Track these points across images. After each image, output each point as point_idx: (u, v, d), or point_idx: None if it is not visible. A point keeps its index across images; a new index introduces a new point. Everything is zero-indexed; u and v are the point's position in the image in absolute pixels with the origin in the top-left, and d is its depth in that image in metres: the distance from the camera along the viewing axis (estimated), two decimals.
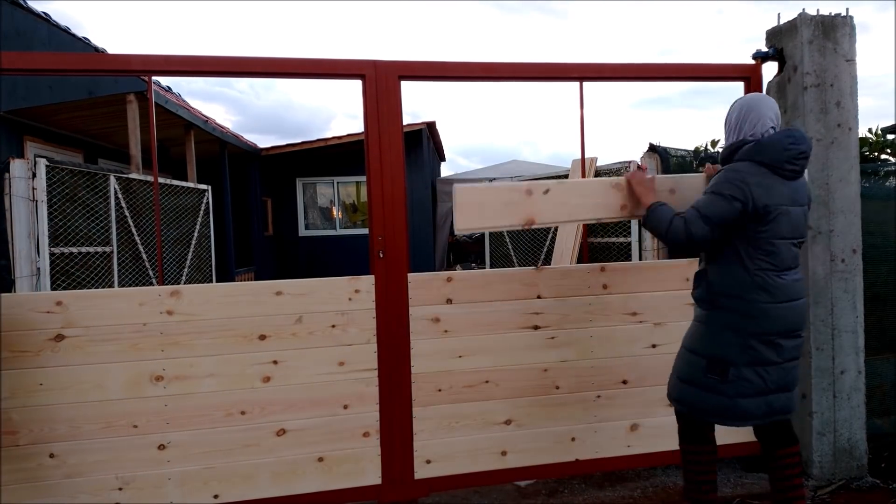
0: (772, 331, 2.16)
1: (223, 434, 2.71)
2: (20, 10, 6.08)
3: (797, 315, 2.20)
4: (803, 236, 2.26)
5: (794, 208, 2.18)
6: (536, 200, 2.54)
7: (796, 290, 2.21)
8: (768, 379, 2.17)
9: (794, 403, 2.27)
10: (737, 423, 2.22)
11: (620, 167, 4.41)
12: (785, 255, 2.18)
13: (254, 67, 2.77)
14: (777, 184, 2.15)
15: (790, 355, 2.20)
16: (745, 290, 2.17)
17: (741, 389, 2.17)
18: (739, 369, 2.17)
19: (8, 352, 2.51)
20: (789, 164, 2.16)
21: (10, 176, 3.91)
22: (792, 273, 2.21)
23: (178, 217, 6.29)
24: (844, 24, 3.08)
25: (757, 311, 2.16)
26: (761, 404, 2.18)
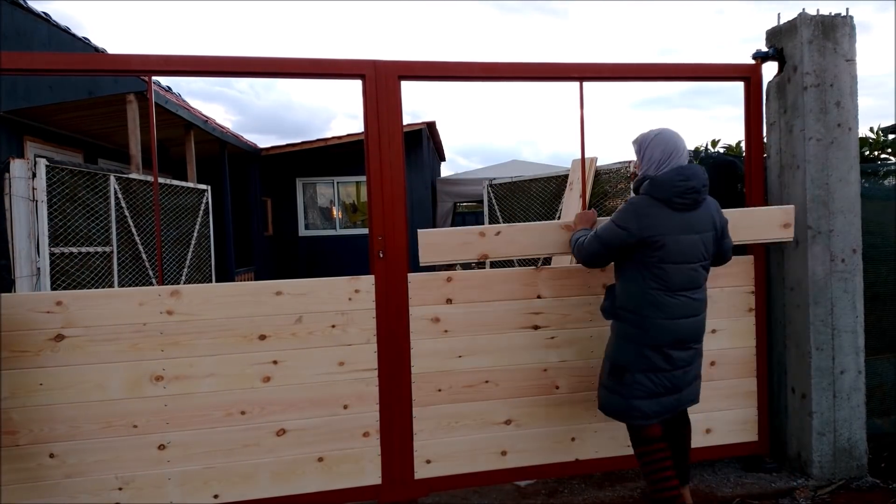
0: (663, 342, 2.44)
1: (223, 434, 2.72)
2: (20, 10, 6.08)
3: (689, 330, 2.47)
4: (702, 260, 2.49)
5: (687, 236, 2.43)
6: (490, 240, 2.88)
7: (691, 308, 2.47)
8: (658, 383, 2.46)
9: (685, 401, 2.56)
10: (635, 422, 2.50)
11: (620, 167, 4.42)
12: (676, 278, 2.43)
13: (254, 67, 2.77)
14: (668, 215, 2.41)
15: (681, 364, 2.48)
16: (640, 307, 2.46)
17: (634, 392, 2.46)
18: (634, 374, 2.46)
19: (8, 352, 2.51)
20: (678, 199, 2.41)
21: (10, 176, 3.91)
22: (686, 293, 2.46)
23: (178, 217, 6.29)
24: (844, 24, 3.08)
25: (649, 324, 2.44)
26: (653, 405, 2.47)
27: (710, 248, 2.51)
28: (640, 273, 2.45)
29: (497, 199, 6.47)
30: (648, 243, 2.40)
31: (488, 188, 6.61)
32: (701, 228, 2.46)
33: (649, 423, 2.48)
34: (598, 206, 4.68)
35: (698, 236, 2.45)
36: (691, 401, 2.59)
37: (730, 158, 3.73)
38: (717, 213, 2.56)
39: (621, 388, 2.49)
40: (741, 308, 3.22)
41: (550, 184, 5.63)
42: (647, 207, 2.42)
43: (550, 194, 5.59)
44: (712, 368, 3.19)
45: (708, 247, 2.50)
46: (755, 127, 3.26)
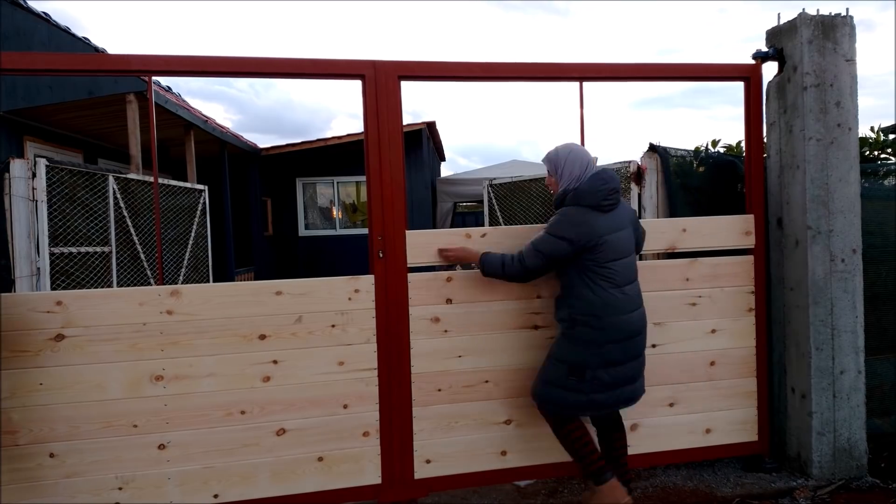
0: (619, 337, 2.59)
1: (223, 434, 2.71)
2: (20, 10, 6.08)
3: (639, 320, 2.65)
4: (631, 252, 2.68)
5: (617, 233, 2.61)
6: (476, 242, 2.93)
7: (635, 301, 2.65)
8: (616, 376, 2.61)
9: (638, 392, 2.69)
10: (592, 413, 2.69)
11: (621, 167, 4.41)
12: (621, 274, 2.61)
13: (253, 68, 2.77)
14: (598, 219, 2.57)
15: (632, 354, 2.64)
16: (598, 309, 2.58)
17: (595, 387, 2.60)
18: (595, 371, 2.59)
19: (8, 352, 2.51)
20: (605, 201, 2.59)
21: (10, 176, 3.90)
22: (631, 286, 2.65)
23: (176, 217, 6.28)
24: (844, 24, 3.08)
25: (608, 324, 2.58)
26: (611, 396, 2.63)
27: (633, 241, 2.71)
28: (590, 278, 2.59)
29: (497, 199, 6.47)
30: (590, 248, 2.56)
31: (488, 188, 6.61)
32: (626, 224, 2.67)
33: (603, 412, 2.68)
34: None
35: (626, 231, 2.66)
36: (640, 394, 2.73)
37: (730, 158, 3.73)
38: (629, 209, 2.77)
39: (582, 385, 2.60)
40: (741, 308, 3.22)
41: None
42: (580, 216, 2.58)
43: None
44: (712, 368, 3.19)
45: (632, 240, 2.70)
46: (755, 127, 3.26)
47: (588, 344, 2.60)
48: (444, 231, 3.00)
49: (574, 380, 2.62)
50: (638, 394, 2.70)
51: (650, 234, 3.11)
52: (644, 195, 3.81)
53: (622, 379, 2.62)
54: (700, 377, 3.17)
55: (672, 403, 3.14)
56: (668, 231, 3.14)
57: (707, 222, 3.20)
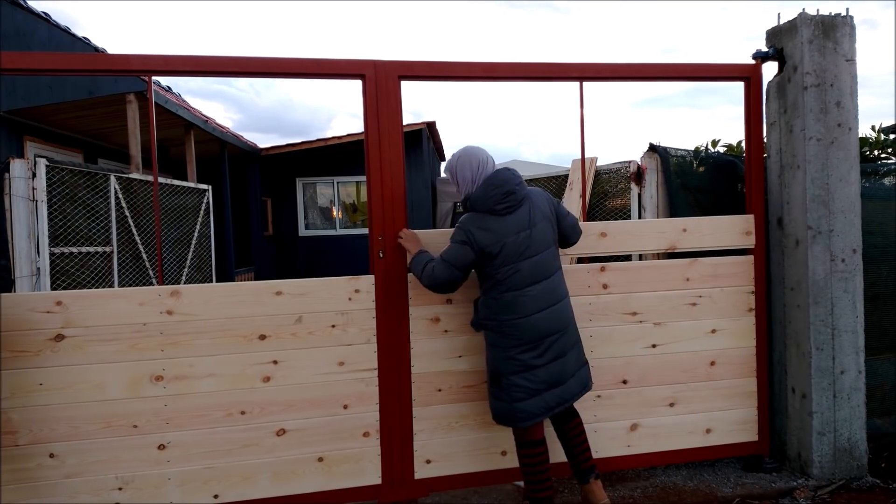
0: (527, 339, 2.50)
1: (223, 434, 2.71)
2: (20, 10, 6.08)
3: (551, 320, 2.52)
4: (546, 248, 2.56)
5: (517, 235, 2.51)
6: None
7: (546, 298, 2.53)
8: (536, 381, 2.51)
9: (570, 394, 2.57)
10: (523, 424, 2.54)
11: (621, 167, 4.41)
12: (525, 273, 2.51)
13: (254, 67, 2.77)
14: (496, 223, 2.51)
15: (553, 355, 2.52)
16: (497, 313, 2.54)
17: (515, 395, 2.51)
18: (509, 378, 2.52)
19: (8, 352, 2.51)
20: (499, 205, 2.51)
21: (10, 176, 3.90)
22: (538, 285, 2.53)
23: (179, 217, 6.28)
24: (844, 23, 3.08)
25: (509, 327, 2.51)
26: (537, 404, 2.51)
27: (549, 236, 2.60)
28: (490, 282, 2.56)
29: None
30: (487, 254, 2.51)
31: None
32: (535, 221, 2.56)
33: (534, 421, 2.53)
34: (598, 206, 4.68)
35: (536, 229, 2.55)
36: (580, 390, 2.62)
37: (730, 158, 3.73)
38: (545, 202, 2.63)
39: (501, 394, 2.55)
40: (741, 308, 3.22)
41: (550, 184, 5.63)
42: (478, 221, 2.53)
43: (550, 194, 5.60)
44: (712, 368, 3.19)
45: (547, 235, 2.58)
46: (755, 127, 3.26)
47: (496, 348, 2.56)
48: (444, 231, 3.00)
49: (494, 388, 2.59)
50: (569, 395, 2.57)
51: (650, 234, 3.11)
52: (644, 195, 3.82)
53: (544, 383, 2.51)
54: (700, 377, 3.17)
55: (672, 403, 3.14)
56: (668, 231, 3.14)
57: (707, 222, 3.20)
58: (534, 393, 2.51)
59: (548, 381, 2.52)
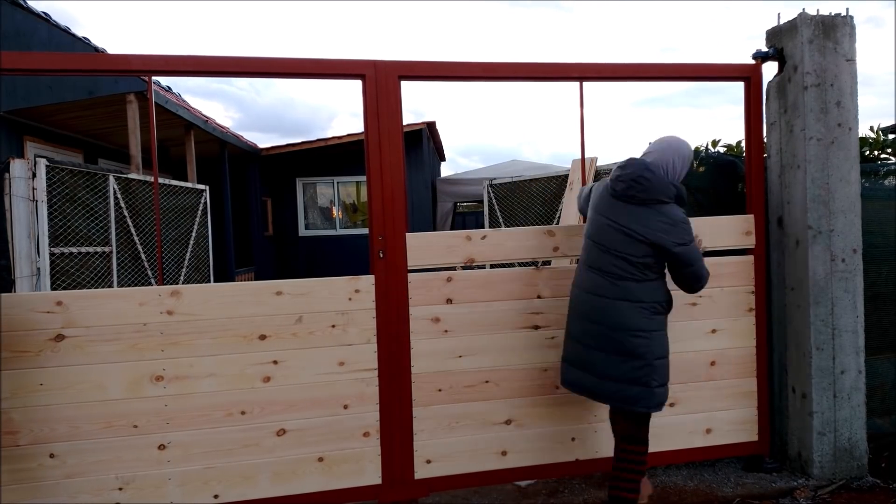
0: (571, 305, 2.67)
1: (223, 434, 2.71)
2: (20, 10, 6.08)
3: (587, 304, 2.58)
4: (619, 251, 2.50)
5: (605, 221, 2.55)
6: (476, 244, 2.96)
7: (594, 284, 2.56)
8: (569, 348, 2.66)
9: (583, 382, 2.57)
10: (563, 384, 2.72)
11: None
12: (591, 254, 2.61)
13: (253, 67, 2.77)
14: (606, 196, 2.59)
15: (577, 335, 2.62)
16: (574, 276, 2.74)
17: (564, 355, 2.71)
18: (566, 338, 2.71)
19: (8, 352, 2.51)
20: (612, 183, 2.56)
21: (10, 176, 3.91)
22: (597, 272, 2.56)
23: (177, 217, 6.28)
24: (844, 23, 3.08)
25: (572, 293, 2.71)
26: (563, 368, 2.70)
27: (628, 248, 2.48)
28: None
29: (497, 199, 6.47)
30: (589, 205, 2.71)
31: (488, 188, 6.61)
32: (624, 223, 2.49)
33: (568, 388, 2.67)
34: None
35: (614, 228, 2.52)
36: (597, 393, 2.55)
37: (730, 158, 3.72)
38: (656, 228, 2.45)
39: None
40: (741, 308, 3.22)
41: (550, 184, 5.64)
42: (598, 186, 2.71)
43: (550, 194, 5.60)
44: (712, 368, 3.19)
45: (626, 245, 2.48)
46: (755, 127, 3.26)
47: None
48: (444, 234, 3.01)
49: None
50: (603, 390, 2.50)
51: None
52: None
53: (580, 360, 2.58)
54: (700, 377, 3.17)
55: (672, 403, 3.14)
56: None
57: (707, 222, 3.20)
58: (565, 358, 2.68)
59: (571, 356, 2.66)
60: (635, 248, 2.47)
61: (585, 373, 2.57)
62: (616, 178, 2.52)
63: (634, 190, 2.46)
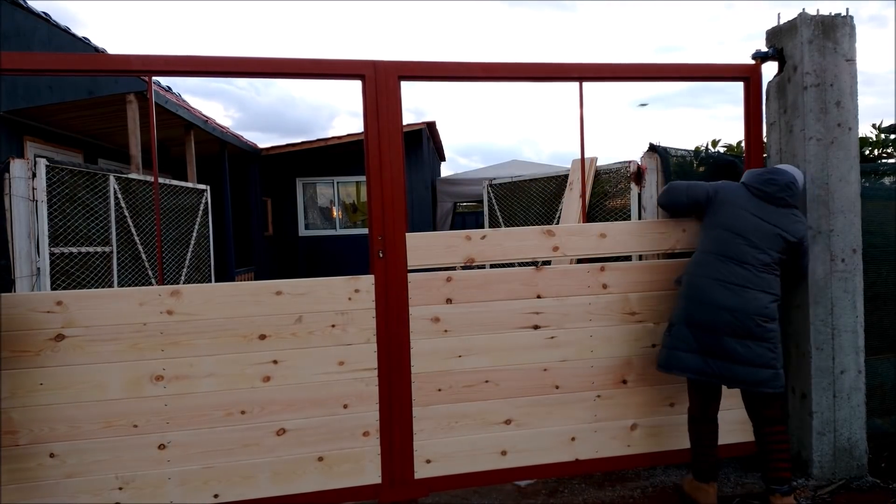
0: (699, 298, 2.73)
1: (223, 434, 2.72)
2: (20, 10, 6.08)
3: (739, 298, 2.67)
4: (762, 245, 2.73)
5: (751, 215, 2.77)
6: (475, 244, 2.96)
7: (734, 274, 2.71)
8: (702, 340, 2.70)
9: (735, 373, 2.67)
10: (679, 372, 2.78)
11: (620, 167, 4.41)
12: (730, 246, 2.75)
13: (253, 68, 2.77)
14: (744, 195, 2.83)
15: (713, 325, 2.68)
16: (694, 267, 2.84)
17: (678, 343, 2.76)
18: (679, 326, 2.78)
19: (8, 352, 2.51)
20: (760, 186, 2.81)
21: (10, 176, 3.91)
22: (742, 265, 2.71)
23: (177, 217, 6.28)
24: (844, 23, 3.08)
25: (691, 281, 2.80)
26: (699, 361, 2.72)
27: (774, 244, 2.74)
28: (704, 241, 2.86)
29: (497, 199, 6.47)
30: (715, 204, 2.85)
31: (488, 188, 6.60)
32: (775, 223, 2.76)
33: (685, 375, 2.77)
34: (598, 206, 4.68)
35: (765, 224, 2.75)
36: (739, 377, 2.68)
37: (730, 158, 3.73)
38: (801, 228, 2.80)
39: (667, 340, 2.82)
40: None
41: (550, 184, 5.63)
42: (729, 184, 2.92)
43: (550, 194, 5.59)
44: None
45: (773, 242, 2.74)
46: (755, 127, 3.26)
47: (679, 298, 2.83)
48: (444, 233, 3.01)
49: (665, 335, 2.87)
50: (739, 377, 2.67)
51: (650, 235, 3.11)
52: (644, 195, 3.82)
53: (709, 347, 2.68)
54: None
55: (672, 403, 3.14)
56: (668, 231, 3.14)
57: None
58: (698, 351, 2.72)
59: (712, 348, 2.69)
60: (779, 246, 2.75)
61: (715, 359, 2.70)
62: (768, 182, 2.80)
63: (785, 194, 2.78)
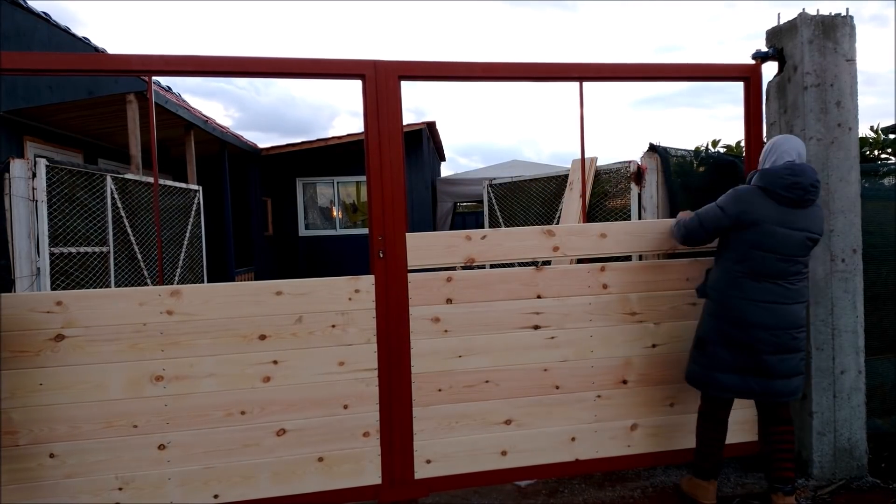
0: (738, 320, 2.64)
1: (223, 434, 2.71)
2: (20, 10, 6.08)
3: (765, 314, 2.61)
4: (798, 256, 2.63)
5: (781, 230, 2.59)
6: (476, 244, 2.96)
7: (770, 293, 2.62)
8: (740, 360, 2.65)
9: (777, 390, 2.65)
10: (716, 392, 2.75)
11: (621, 167, 4.41)
12: (763, 266, 2.62)
13: (253, 67, 2.77)
14: (768, 205, 2.60)
15: (755, 344, 2.62)
16: (720, 284, 2.73)
17: (715, 364, 2.71)
18: (715, 347, 2.71)
19: (8, 352, 2.51)
20: (784, 192, 2.58)
21: (10, 176, 3.91)
22: (773, 282, 2.62)
23: (171, 217, 6.29)
24: (844, 23, 3.08)
25: (728, 302, 2.67)
26: (736, 381, 2.69)
27: (804, 250, 2.65)
28: (729, 255, 2.70)
29: (497, 199, 6.47)
30: (742, 226, 2.64)
31: (488, 188, 6.60)
32: (803, 227, 2.62)
33: (724, 395, 2.74)
34: (598, 206, 4.67)
35: (796, 233, 2.61)
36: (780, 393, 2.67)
37: (730, 159, 3.73)
38: (821, 221, 2.69)
39: (702, 359, 2.76)
40: None
41: (550, 184, 5.63)
42: (747, 194, 2.65)
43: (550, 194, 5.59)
44: None
45: (801, 245, 2.63)
46: (755, 127, 3.26)
47: (712, 317, 2.73)
48: (444, 233, 3.01)
49: (696, 352, 2.80)
50: (778, 391, 2.64)
51: (650, 235, 3.11)
52: (644, 195, 3.81)
53: (747, 366, 2.64)
54: None
55: (672, 403, 3.14)
56: (668, 231, 3.14)
57: None
58: (735, 370, 2.66)
59: (751, 367, 2.64)
60: (807, 250, 2.66)
61: (753, 376, 2.66)
62: (791, 187, 2.57)
63: (812, 194, 2.60)
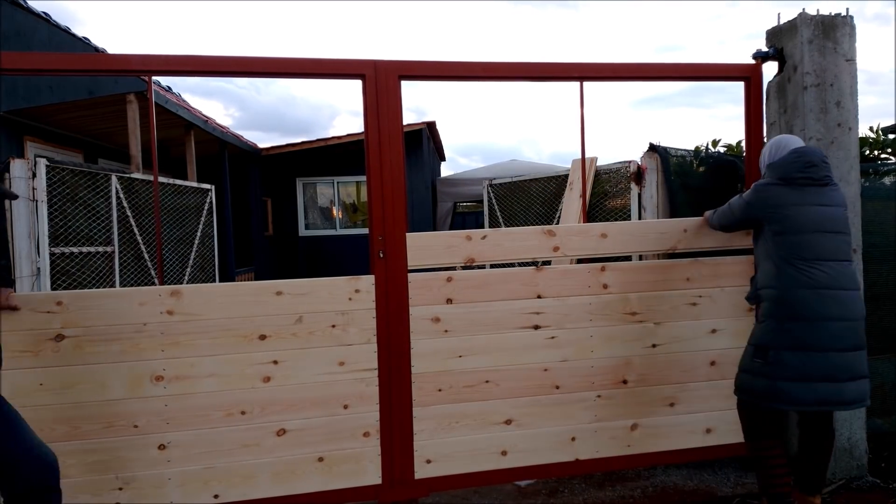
0: (805, 315, 2.36)
1: (223, 434, 2.71)
2: (20, 10, 6.09)
3: (834, 303, 2.36)
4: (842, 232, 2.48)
5: (812, 207, 2.45)
6: (476, 244, 2.95)
7: (835, 275, 2.39)
8: (808, 363, 2.33)
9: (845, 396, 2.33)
10: (781, 406, 2.42)
11: (621, 167, 4.41)
12: (813, 247, 2.42)
13: (254, 67, 2.77)
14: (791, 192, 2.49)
15: (832, 343, 2.33)
16: (774, 280, 2.47)
17: (780, 372, 2.37)
18: (779, 352, 2.38)
19: (8, 352, 2.51)
20: (799, 174, 2.50)
21: (10, 176, 3.91)
22: (829, 264, 2.41)
23: (182, 217, 6.28)
24: (844, 23, 3.08)
25: (788, 296, 2.40)
26: (803, 390, 2.33)
27: (839, 220, 2.49)
28: (771, 249, 2.51)
29: (497, 199, 6.47)
30: (771, 219, 2.51)
31: (488, 188, 6.60)
32: (838, 202, 2.51)
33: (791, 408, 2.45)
34: (599, 206, 4.67)
35: (830, 209, 2.48)
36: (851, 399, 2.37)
37: (730, 159, 3.73)
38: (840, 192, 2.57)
39: (766, 368, 2.41)
40: (741, 308, 3.22)
41: (550, 184, 5.63)
42: (769, 187, 2.57)
43: (550, 194, 5.59)
44: (712, 368, 3.18)
45: (839, 219, 2.48)
46: (755, 127, 3.25)
47: (769, 318, 2.45)
48: (444, 233, 3.01)
49: (759, 362, 2.44)
50: (845, 397, 2.32)
51: (650, 235, 3.11)
52: (644, 195, 3.82)
53: (816, 370, 2.30)
54: (700, 377, 3.17)
55: (672, 403, 3.14)
56: (668, 231, 3.14)
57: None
58: (802, 378, 2.33)
59: (820, 370, 2.32)
60: (847, 223, 2.53)
61: (824, 382, 2.34)
62: (806, 167, 2.49)
63: (826, 169, 2.52)
